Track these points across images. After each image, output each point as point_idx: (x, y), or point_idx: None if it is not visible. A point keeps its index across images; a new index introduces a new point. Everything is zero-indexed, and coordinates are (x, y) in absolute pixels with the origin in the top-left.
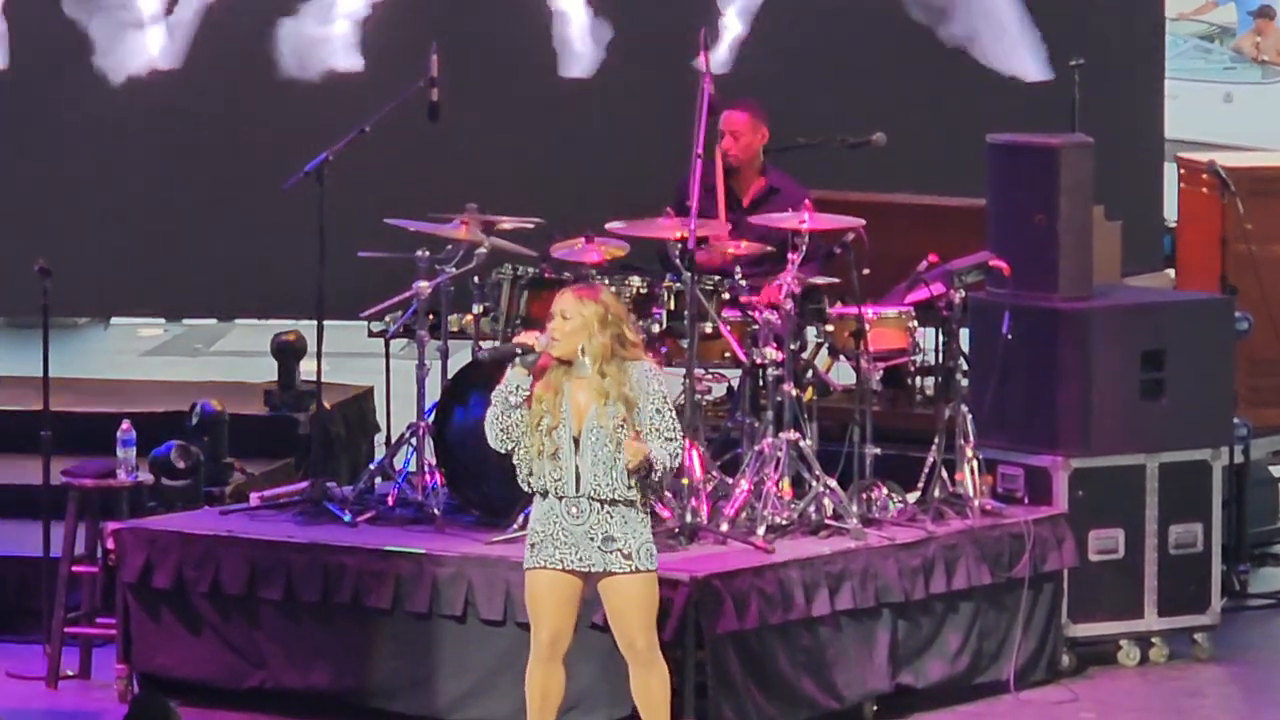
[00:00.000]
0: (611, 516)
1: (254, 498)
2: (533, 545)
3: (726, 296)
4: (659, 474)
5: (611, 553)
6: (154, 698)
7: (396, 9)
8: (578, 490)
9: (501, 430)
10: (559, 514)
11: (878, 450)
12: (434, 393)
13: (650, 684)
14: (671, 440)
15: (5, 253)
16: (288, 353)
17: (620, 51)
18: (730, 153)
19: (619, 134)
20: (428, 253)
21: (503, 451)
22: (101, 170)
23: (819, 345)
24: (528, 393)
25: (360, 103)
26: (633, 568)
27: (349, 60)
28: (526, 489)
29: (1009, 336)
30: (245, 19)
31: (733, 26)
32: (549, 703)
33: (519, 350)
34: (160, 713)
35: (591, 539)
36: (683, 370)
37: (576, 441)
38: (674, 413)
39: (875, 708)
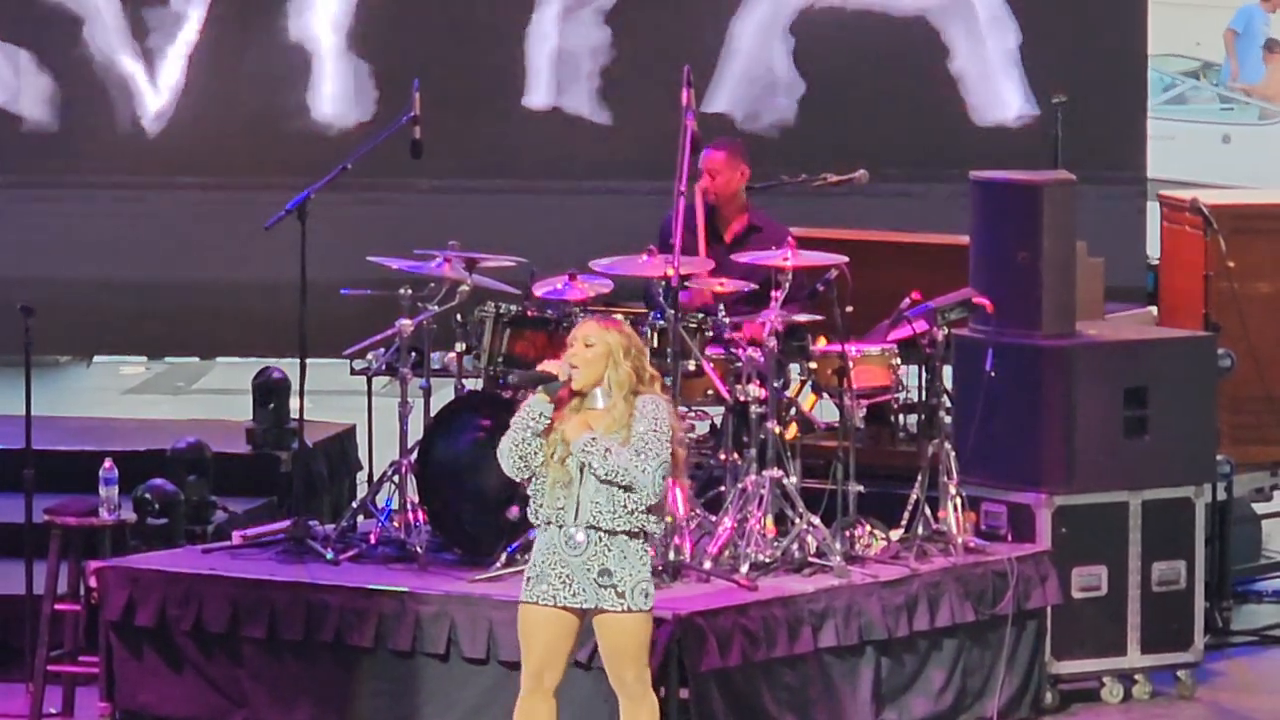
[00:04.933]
0: (610, 549)
1: (236, 536)
2: (529, 579)
3: (710, 334)
4: (612, 470)
5: (606, 588)
6: None
7: (378, 46)
8: (576, 519)
9: (520, 458)
10: (558, 545)
11: (861, 488)
12: (416, 431)
13: (639, 718)
14: (641, 455)
15: None
16: (270, 391)
17: (606, 89)
18: (709, 191)
19: (603, 171)
20: (410, 290)
21: (518, 480)
22: (83, 209)
23: (803, 383)
24: (549, 421)
25: (342, 141)
26: (625, 607)
27: (332, 100)
28: (534, 520)
29: (992, 374)
30: (226, 60)
31: (722, 65)
32: None
33: (546, 378)
34: None
35: (588, 571)
36: None
37: (582, 470)
38: (666, 444)
39: None
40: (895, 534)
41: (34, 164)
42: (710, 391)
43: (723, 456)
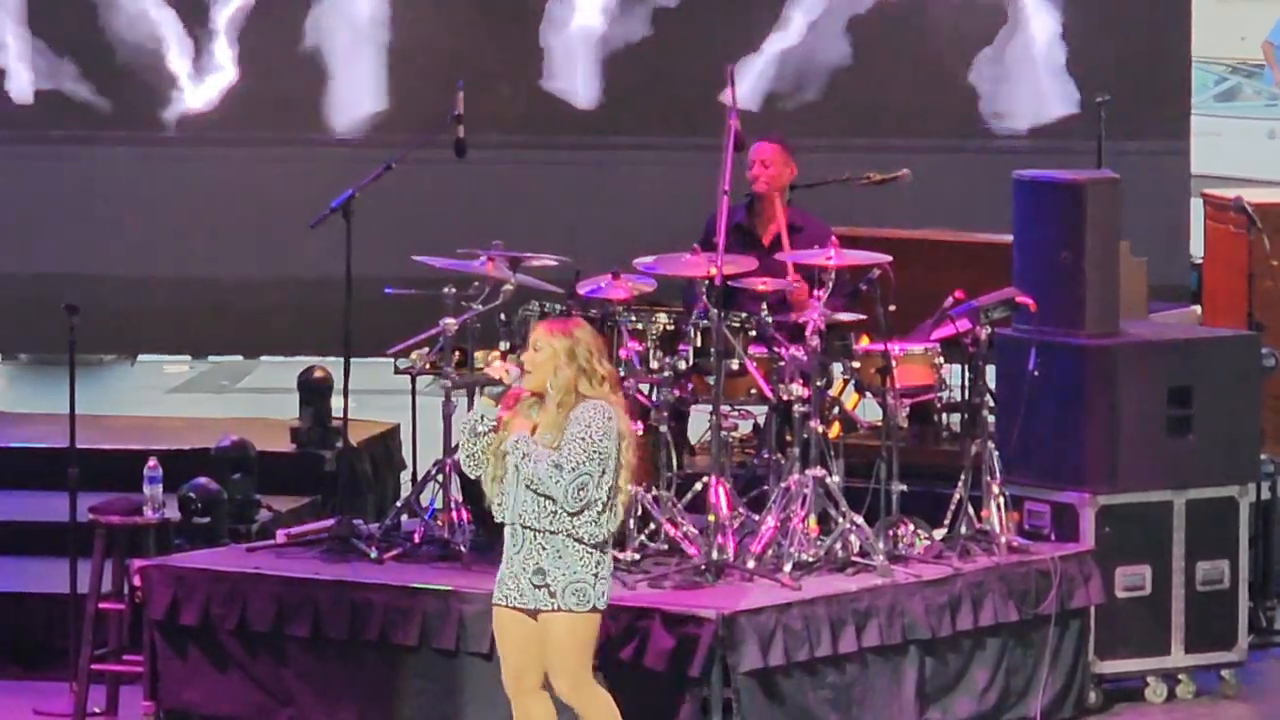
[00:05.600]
0: (544, 549)
1: (281, 535)
2: (498, 580)
3: (753, 333)
4: (528, 478)
5: (540, 588)
6: None
7: (420, 47)
8: (510, 517)
9: (468, 456)
10: (506, 544)
11: (904, 487)
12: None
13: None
14: (559, 467)
15: (33, 291)
16: (315, 390)
17: (648, 86)
18: (760, 180)
19: (646, 170)
20: (454, 290)
21: (473, 478)
22: (128, 208)
23: (845, 381)
24: (494, 423)
25: (387, 141)
26: (555, 606)
27: (376, 99)
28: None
29: (1035, 373)
30: (274, 60)
31: (763, 63)
32: None
33: (489, 381)
34: None
35: (525, 570)
36: (709, 407)
37: (518, 469)
38: (591, 456)
39: None
40: (938, 533)
41: (78, 163)
42: (753, 390)
43: (766, 455)
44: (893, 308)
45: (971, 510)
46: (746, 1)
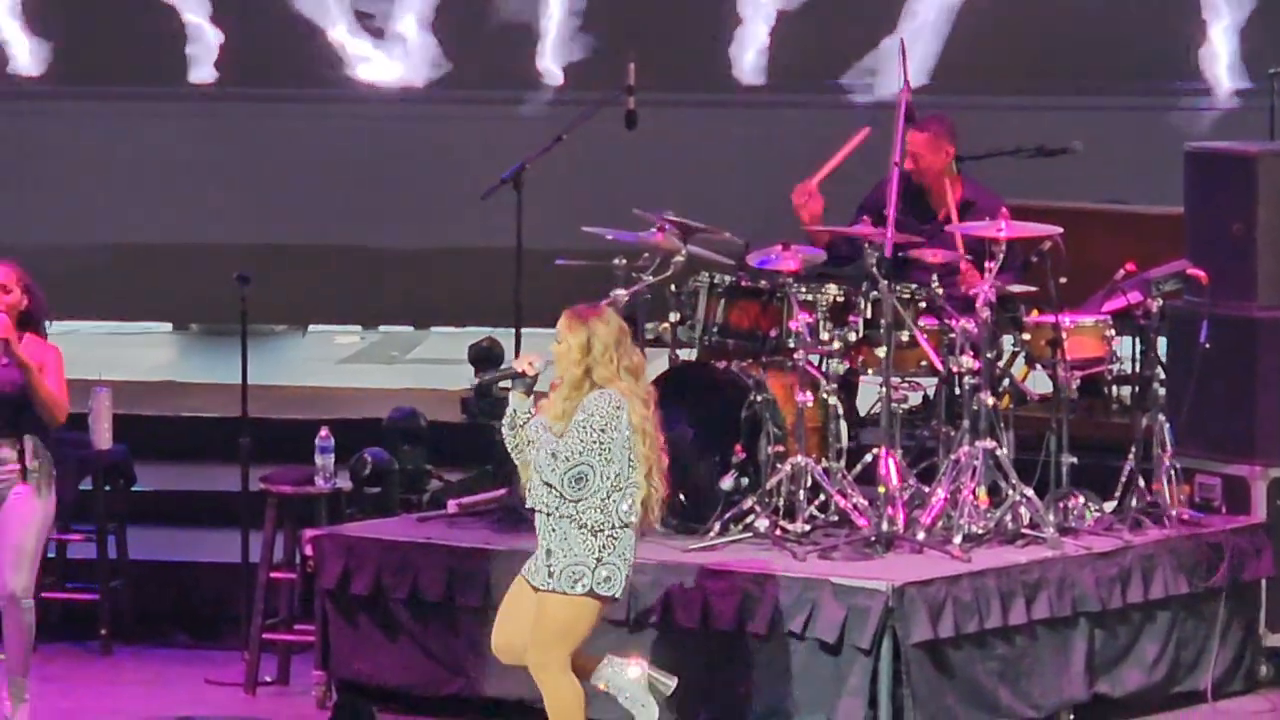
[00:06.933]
0: (554, 531)
1: (451, 505)
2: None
3: (924, 305)
4: (530, 457)
5: (545, 568)
6: (357, 704)
7: (594, 20)
8: (531, 501)
9: (512, 448)
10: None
11: (1074, 459)
12: None
13: (547, 701)
14: (554, 456)
15: (205, 262)
16: (485, 360)
17: (816, 59)
18: (913, 173)
19: (815, 141)
20: (625, 261)
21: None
22: (300, 180)
23: (1015, 354)
24: (529, 415)
25: (559, 112)
26: (550, 587)
27: (549, 70)
28: None
29: (1207, 345)
30: (451, 27)
31: (927, 34)
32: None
33: (514, 374)
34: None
35: (541, 550)
36: (879, 378)
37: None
38: (589, 445)
39: (1072, 717)
40: (1109, 506)
41: (250, 134)
42: (924, 363)
43: (936, 427)
44: (1063, 280)
45: (1142, 483)
46: None
